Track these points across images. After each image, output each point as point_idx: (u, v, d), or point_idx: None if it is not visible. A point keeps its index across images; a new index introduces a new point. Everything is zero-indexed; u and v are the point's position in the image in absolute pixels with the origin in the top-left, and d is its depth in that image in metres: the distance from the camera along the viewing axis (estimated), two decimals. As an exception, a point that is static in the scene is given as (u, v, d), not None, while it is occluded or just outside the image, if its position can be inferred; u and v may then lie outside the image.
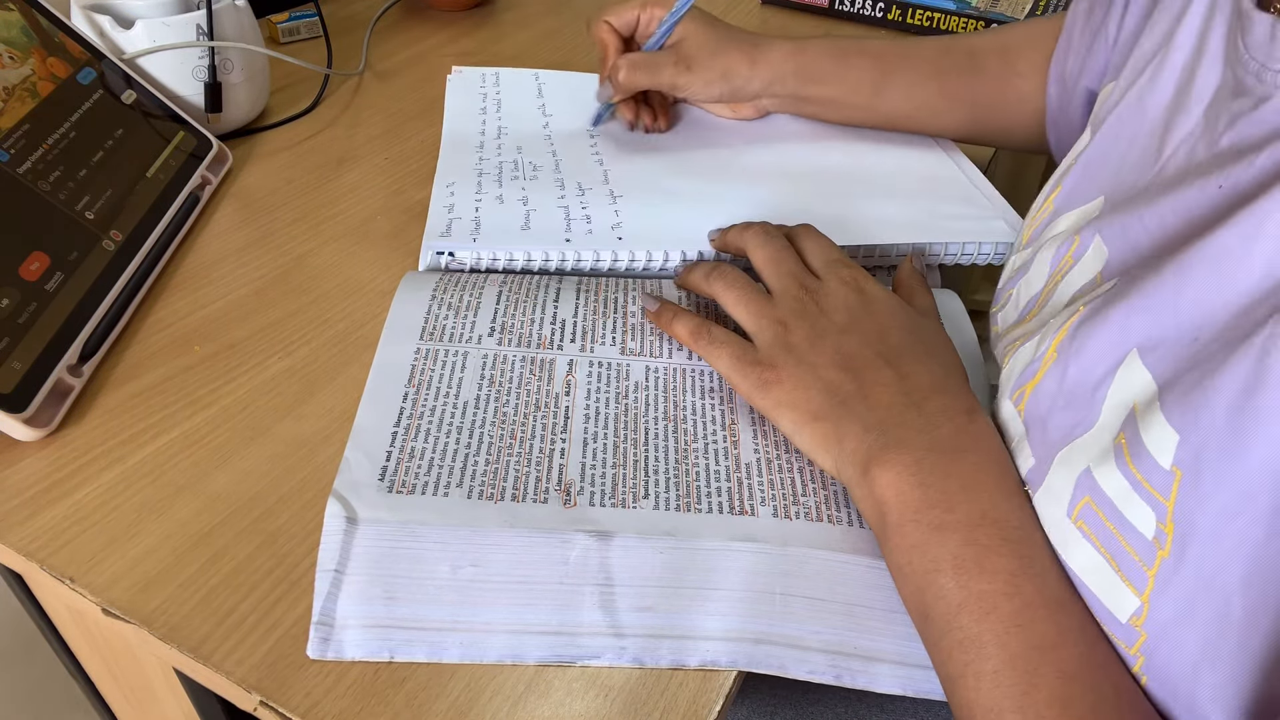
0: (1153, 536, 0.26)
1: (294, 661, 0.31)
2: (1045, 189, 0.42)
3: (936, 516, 0.31)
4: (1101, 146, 0.38)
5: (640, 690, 0.31)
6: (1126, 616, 0.27)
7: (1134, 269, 0.31)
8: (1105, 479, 0.28)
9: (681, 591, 0.33)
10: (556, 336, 0.43)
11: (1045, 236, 0.39)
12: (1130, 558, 0.27)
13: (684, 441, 0.38)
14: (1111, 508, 0.28)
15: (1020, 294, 0.40)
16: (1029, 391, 0.33)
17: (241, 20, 0.59)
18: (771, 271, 0.41)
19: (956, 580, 0.30)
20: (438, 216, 0.49)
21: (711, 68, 0.55)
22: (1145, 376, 0.28)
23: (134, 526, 0.35)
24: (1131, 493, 0.27)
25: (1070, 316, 0.32)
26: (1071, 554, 0.29)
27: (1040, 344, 0.33)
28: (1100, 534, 0.28)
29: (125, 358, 0.43)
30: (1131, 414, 0.28)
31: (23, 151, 0.44)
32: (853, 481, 0.34)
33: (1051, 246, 0.38)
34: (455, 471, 0.36)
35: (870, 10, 0.82)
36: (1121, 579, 0.27)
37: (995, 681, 0.28)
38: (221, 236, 0.52)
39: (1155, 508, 0.26)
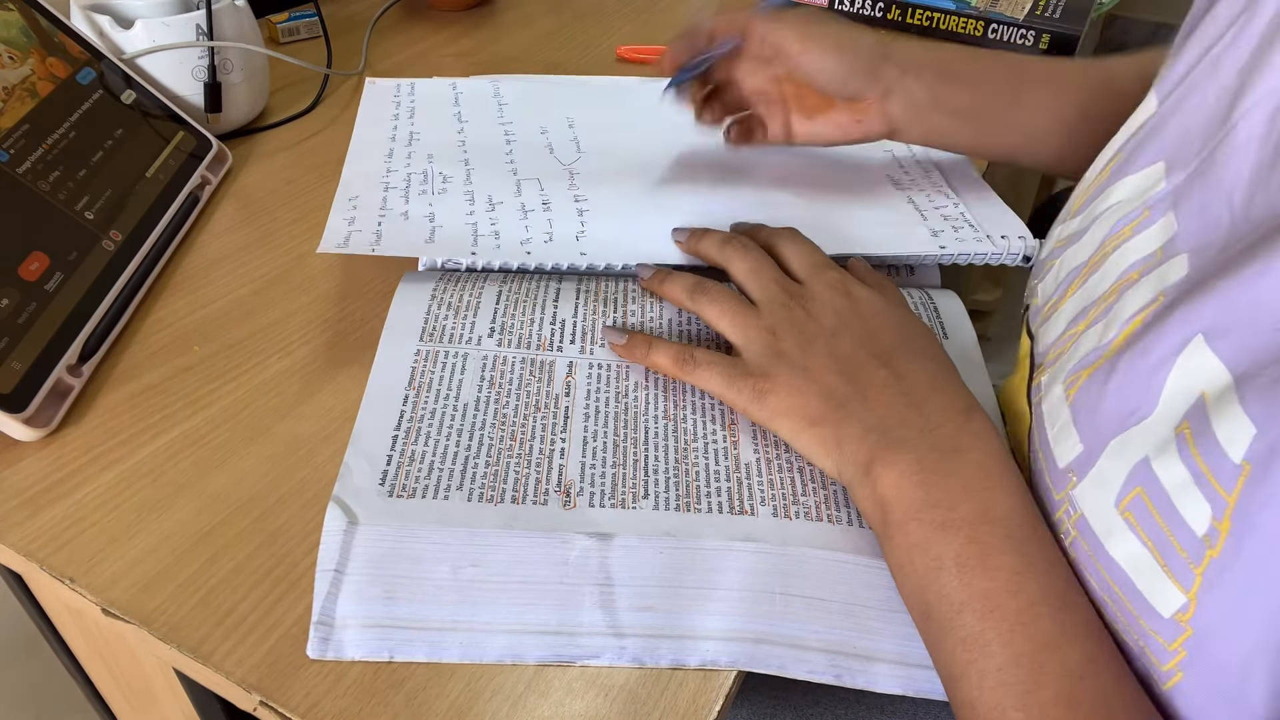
0: (1204, 533, 0.25)
1: (294, 661, 0.31)
2: (1104, 155, 0.39)
3: (939, 515, 0.31)
4: (1168, 113, 0.36)
5: (640, 690, 0.31)
6: (1170, 612, 0.26)
7: (1211, 250, 0.29)
8: (1164, 469, 0.27)
9: (681, 591, 0.33)
10: (556, 337, 0.43)
11: (1100, 206, 0.37)
12: (1176, 553, 0.26)
13: (684, 441, 0.38)
14: (1165, 500, 0.27)
15: (1064, 264, 0.38)
16: (1084, 377, 0.32)
17: (241, 20, 0.59)
18: (754, 283, 0.40)
19: (959, 578, 0.30)
20: (336, 229, 0.46)
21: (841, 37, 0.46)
22: (1215, 364, 0.26)
23: (134, 526, 0.35)
24: (1191, 485, 0.26)
25: (1147, 305, 0.31)
26: (1115, 545, 0.28)
27: (1107, 330, 0.32)
28: (1147, 526, 0.27)
29: (125, 358, 0.43)
30: (1200, 403, 0.27)
31: (22, 151, 0.44)
32: (854, 482, 0.34)
33: (1110, 216, 0.36)
34: (455, 474, 0.36)
35: (870, 10, 0.82)
36: (1166, 574, 0.26)
37: (999, 680, 0.28)
38: (221, 236, 0.52)
39: (1214, 502, 0.25)
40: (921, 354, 0.37)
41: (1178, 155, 0.34)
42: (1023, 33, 0.77)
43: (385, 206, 0.49)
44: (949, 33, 0.80)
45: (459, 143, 0.56)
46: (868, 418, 0.34)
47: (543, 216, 0.49)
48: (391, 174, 0.52)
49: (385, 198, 0.50)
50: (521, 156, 0.55)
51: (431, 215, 0.48)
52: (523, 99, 0.62)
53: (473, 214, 0.49)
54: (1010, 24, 0.77)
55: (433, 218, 0.48)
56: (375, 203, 0.49)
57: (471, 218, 0.48)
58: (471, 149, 0.56)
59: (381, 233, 0.46)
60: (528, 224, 0.48)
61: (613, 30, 0.81)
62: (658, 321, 0.44)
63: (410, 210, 0.49)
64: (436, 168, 0.53)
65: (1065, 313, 0.36)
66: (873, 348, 0.37)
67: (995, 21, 0.78)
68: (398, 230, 0.47)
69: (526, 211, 0.49)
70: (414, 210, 0.49)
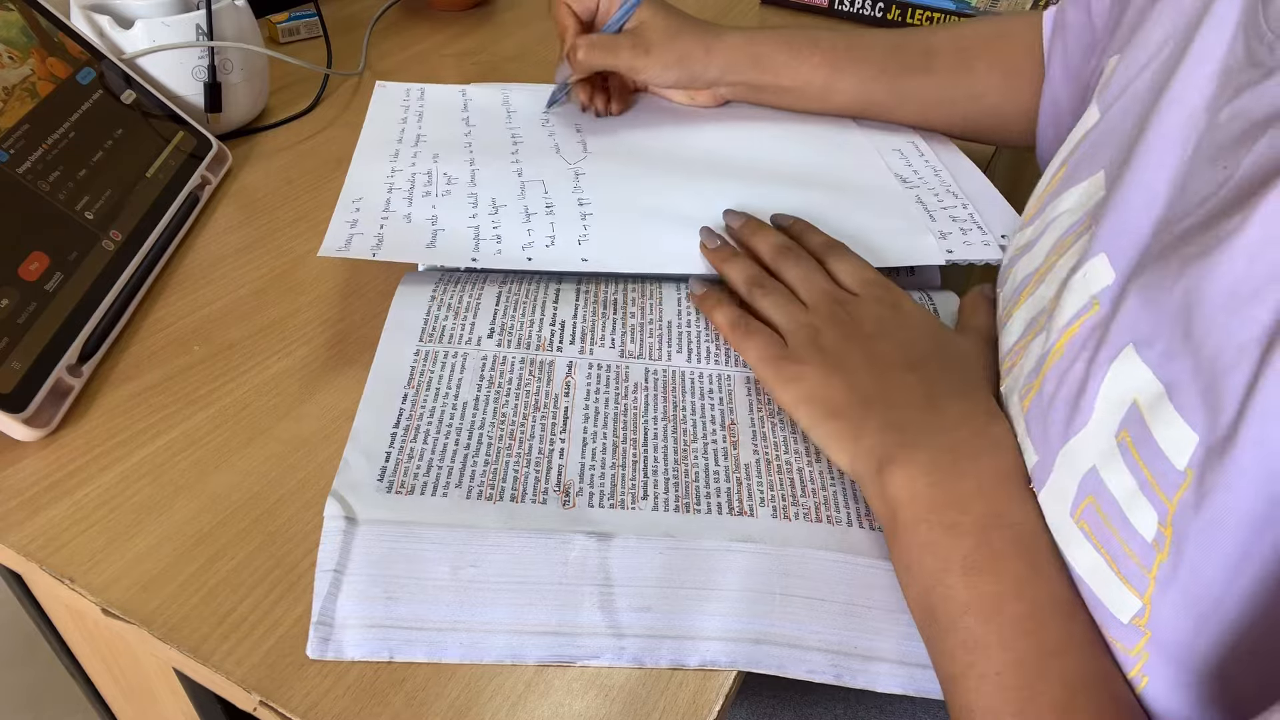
0: (1152, 539, 0.26)
1: (294, 661, 0.31)
2: (1051, 166, 0.42)
3: (950, 517, 0.31)
4: (1110, 124, 0.37)
5: (640, 690, 0.31)
6: (1129, 617, 0.27)
7: (1132, 252, 0.30)
8: (1112, 478, 0.28)
9: (681, 592, 0.33)
10: (556, 338, 0.43)
11: (1051, 214, 0.39)
12: (1129, 559, 0.27)
13: (683, 442, 0.38)
14: (1115, 508, 0.27)
15: (1017, 272, 0.39)
16: (1035, 388, 0.33)
17: (241, 20, 0.59)
18: (805, 287, 0.42)
19: (965, 581, 0.30)
20: (338, 230, 0.45)
21: (669, 52, 0.55)
22: (1145, 373, 0.27)
23: (134, 526, 0.35)
24: (1138, 492, 0.27)
25: (1084, 312, 0.31)
26: (1073, 554, 0.29)
27: (1048, 340, 0.33)
28: (1100, 534, 0.28)
29: (125, 358, 0.43)
30: (1134, 410, 0.27)
31: (22, 151, 0.44)
32: (866, 478, 0.34)
33: (1059, 225, 0.37)
34: (454, 472, 0.36)
35: (870, 10, 0.82)
36: (1121, 580, 0.27)
37: (997, 684, 0.28)
38: (221, 236, 0.52)
39: (1158, 508, 0.26)
40: (955, 365, 0.37)
41: (1113, 165, 0.35)
42: (1022, 33, 0.77)
43: (388, 209, 0.48)
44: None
45: (465, 144, 0.56)
46: (887, 415, 0.35)
47: (545, 220, 0.48)
48: (396, 174, 0.52)
49: (389, 199, 0.49)
50: (527, 157, 0.55)
51: (434, 218, 0.48)
52: (533, 105, 0.62)
53: (475, 216, 0.48)
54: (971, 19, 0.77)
55: (435, 220, 0.48)
56: (378, 205, 0.49)
57: (474, 220, 0.48)
58: (478, 150, 0.55)
59: (383, 236, 0.46)
60: (530, 228, 0.48)
61: (613, 30, 0.81)
62: (657, 324, 0.44)
63: (413, 213, 0.48)
64: (441, 168, 0.53)
65: (1017, 322, 0.37)
66: (908, 354, 0.37)
67: (995, 22, 0.78)
68: (399, 234, 0.46)
69: (529, 214, 0.49)
70: (417, 213, 0.48)
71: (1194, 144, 0.30)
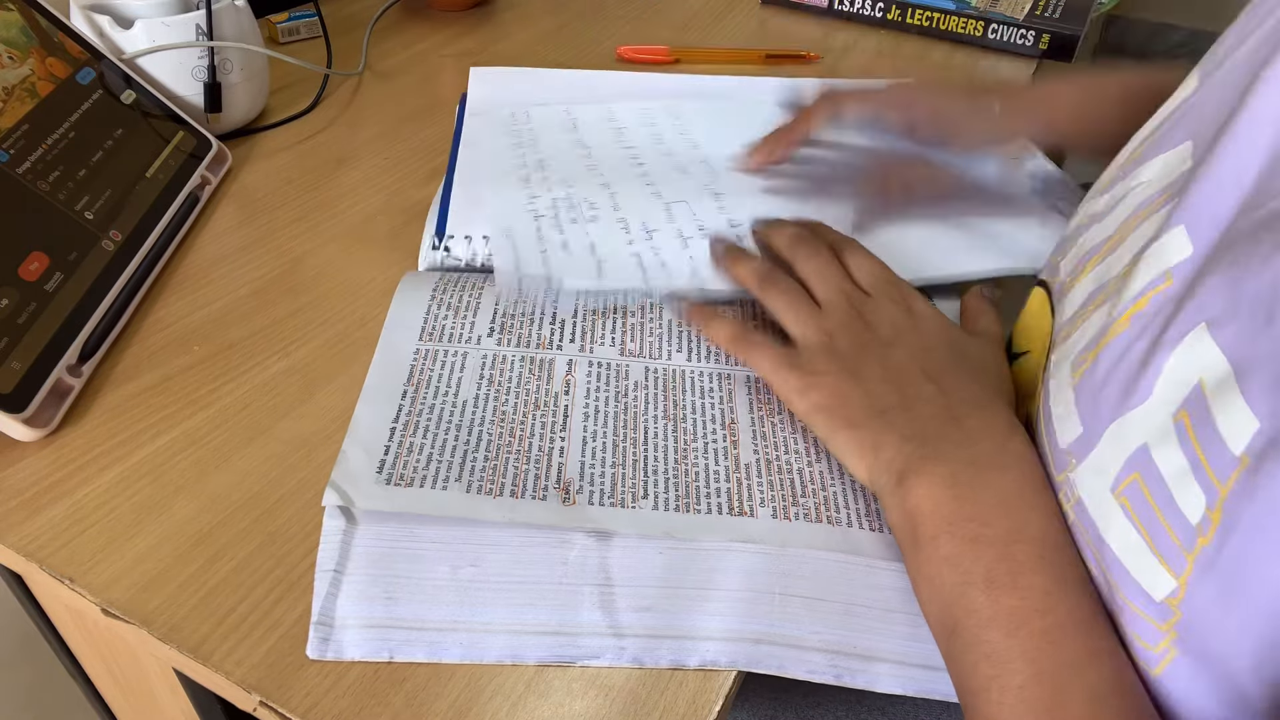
0: (1197, 521, 0.25)
1: (294, 661, 0.31)
2: (1139, 134, 0.39)
3: (973, 530, 0.31)
4: (1207, 94, 0.35)
5: (640, 690, 0.31)
6: (1161, 596, 0.26)
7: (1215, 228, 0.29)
8: (1164, 458, 0.27)
9: (681, 592, 0.33)
10: (556, 336, 0.43)
11: (1129, 185, 0.37)
12: (1169, 539, 0.26)
13: (683, 441, 0.38)
14: (1161, 487, 0.27)
15: (1085, 241, 0.38)
16: (1090, 359, 0.32)
17: (241, 20, 0.59)
18: (820, 284, 0.41)
19: (988, 595, 0.29)
20: (506, 277, 0.45)
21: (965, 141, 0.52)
22: (1215, 354, 0.26)
23: (134, 526, 0.35)
24: (1188, 474, 0.26)
25: (1156, 284, 0.30)
26: (1109, 530, 0.28)
27: (1112, 310, 0.32)
28: (1142, 512, 0.27)
29: (125, 358, 0.43)
30: (1198, 391, 0.26)
31: (22, 151, 0.44)
32: (885, 490, 0.34)
33: (1136, 196, 0.36)
34: (454, 467, 0.36)
35: (870, 10, 0.82)
36: (1159, 560, 0.26)
37: (1020, 697, 0.28)
38: (221, 236, 0.52)
39: (1209, 492, 0.25)
40: (972, 374, 0.37)
41: (1202, 135, 0.33)
42: (1022, 33, 0.77)
43: (541, 239, 0.47)
44: (949, 33, 0.80)
45: (589, 167, 0.55)
46: (907, 428, 0.34)
47: (702, 245, 0.47)
48: (535, 200, 0.50)
49: (538, 228, 0.48)
50: (659, 179, 0.53)
51: (591, 246, 0.47)
52: (639, 121, 0.61)
53: (632, 243, 0.47)
54: (1010, 24, 0.77)
55: (593, 248, 0.47)
56: (530, 235, 0.47)
57: (632, 247, 0.47)
58: (607, 174, 0.54)
59: (552, 273, 0.45)
60: (691, 254, 0.47)
61: (613, 30, 0.81)
62: (658, 323, 0.44)
63: (569, 241, 0.47)
64: (579, 193, 0.51)
65: (1079, 291, 0.36)
66: (924, 363, 0.37)
67: (995, 21, 0.78)
68: (565, 269, 0.45)
69: (685, 240, 0.48)
70: (573, 241, 0.47)
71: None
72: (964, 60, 0.77)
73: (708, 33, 0.81)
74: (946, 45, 0.80)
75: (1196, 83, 0.36)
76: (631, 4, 0.87)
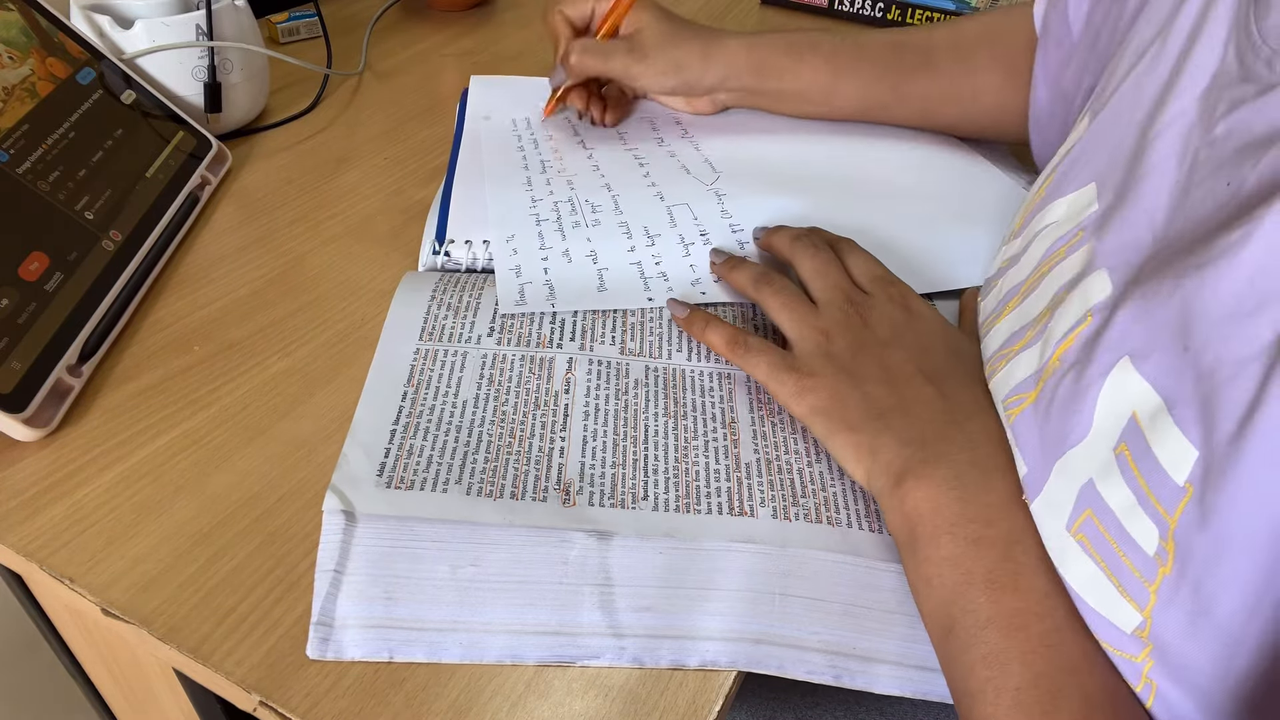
0: (1154, 553, 0.26)
1: (294, 661, 0.31)
2: (1040, 177, 0.42)
3: (974, 530, 0.31)
4: (1098, 132, 0.37)
5: (640, 690, 0.31)
6: (1130, 629, 0.26)
7: (1132, 269, 0.30)
8: (1110, 492, 0.27)
9: (681, 592, 0.33)
10: (556, 335, 0.43)
11: (1037, 226, 0.39)
12: (1130, 573, 0.26)
13: (684, 440, 0.38)
14: (1114, 521, 0.27)
15: (1005, 283, 0.39)
16: (1029, 400, 0.33)
17: (241, 20, 0.59)
18: (819, 283, 0.41)
19: (988, 595, 0.29)
20: (507, 283, 0.45)
21: (665, 58, 0.55)
22: (1142, 385, 0.27)
23: (134, 526, 0.35)
24: (1136, 507, 0.26)
25: (1078, 324, 0.31)
26: (1069, 568, 0.29)
27: (1044, 352, 0.33)
28: (1100, 548, 0.28)
29: (125, 358, 0.43)
30: (1133, 424, 0.27)
31: (22, 151, 0.44)
32: (884, 492, 0.34)
33: (1048, 237, 0.37)
34: (454, 469, 0.36)
35: (870, 10, 0.82)
36: (1121, 594, 0.27)
37: (1016, 699, 0.28)
38: (221, 236, 0.52)
39: (1158, 524, 0.25)
40: (972, 377, 0.37)
41: (1106, 176, 0.34)
42: (1023, 33, 0.77)
43: (543, 244, 0.47)
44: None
45: (593, 168, 0.55)
46: (906, 431, 0.34)
47: (704, 250, 0.47)
48: (538, 204, 0.51)
49: (540, 232, 0.48)
50: (662, 180, 0.53)
51: (593, 253, 0.47)
52: (641, 125, 0.61)
53: (633, 250, 0.47)
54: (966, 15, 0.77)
55: (594, 255, 0.47)
56: (532, 241, 0.48)
57: (633, 255, 0.47)
58: (609, 175, 0.54)
59: (553, 285, 0.45)
60: (692, 263, 0.47)
61: (613, 30, 0.81)
62: (658, 322, 0.44)
63: (570, 249, 0.47)
64: (581, 195, 0.51)
65: (1000, 332, 0.37)
66: (922, 364, 0.37)
67: (995, 22, 0.77)
68: (565, 277, 0.46)
69: (687, 245, 0.48)
70: (574, 248, 0.47)
71: (1191, 159, 0.30)
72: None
73: (708, 33, 0.81)
74: (946, 45, 0.80)
75: (1087, 123, 0.38)
76: (631, 4, 0.87)
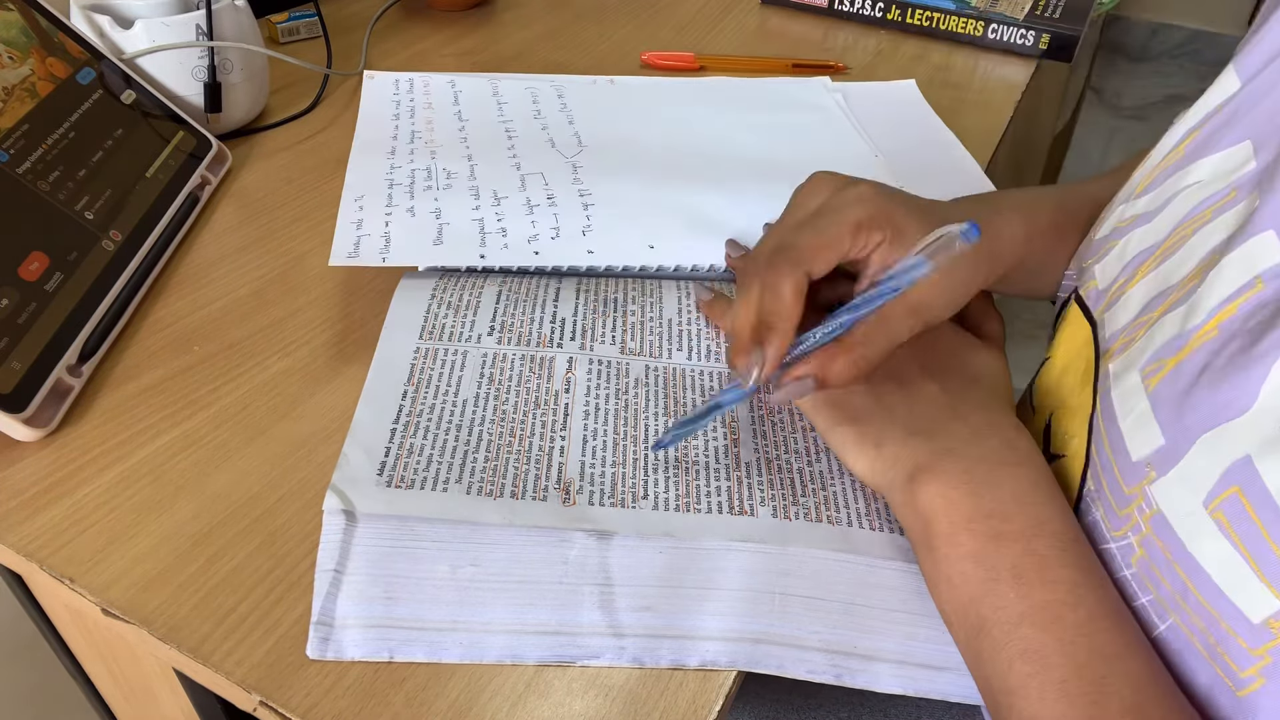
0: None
1: (294, 661, 0.31)
2: (1173, 136, 0.37)
3: (993, 526, 0.31)
4: (1254, 94, 0.34)
5: (640, 690, 0.31)
6: (1261, 618, 0.25)
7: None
8: (1270, 470, 0.25)
9: (681, 591, 0.33)
10: (556, 335, 0.43)
11: (1176, 186, 0.35)
12: (1274, 557, 0.25)
13: (684, 440, 0.38)
14: (1267, 501, 0.25)
15: (1130, 245, 0.36)
16: (1169, 366, 0.30)
17: (241, 20, 0.59)
18: None
19: (1017, 590, 0.29)
20: (345, 234, 0.46)
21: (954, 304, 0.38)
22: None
23: (134, 526, 0.35)
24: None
25: (1245, 290, 0.28)
26: (1201, 545, 0.27)
27: (1189, 317, 0.30)
28: (1242, 528, 0.26)
29: (125, 358, 0.43)
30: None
31: (22, 151, 0.44)
32: (893, 487, 0.34)
33: (1191, 197, 0.34)
34: (454, 468, 0.36)
35: (870, 10, 0.82)
36: (1260, 577, 0.25)
37: (1062, 691, 0.27)
38: (221, 236, 0.52)
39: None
40: (975, 379, 0.37)
41: (1267, 136, 0.32)
42: (1022, 33, 0.77)
43: (391, 204, 0.49)
44: (949, 33, 0.80)
45: (461, 138, 0.56)
46: (911, 423, 0.34)
47: (549, 211, 0.49)
48: (395, 171, 0.52)
49: (390, 195, 0.50)
50: (524, 151, 0.55)
51: (438, 211, 0.48)
52: (522, 97, 0.63)
53: (478, 209, 0.49)
54: (1010, 24, 0.77)
55: (439, 214, 0.48)
56: (381, 201, 0.49)
57: (477, 213, 0.48)
58: (474, 144, 0.56)
59: (390, 236, 0.46)
60: (534, 219, 0.48)
61: (612, 30, 0.81)
62: (658, 322, 0.44)
63: (416, 206, 0.49)
64: (440, 164, 0.53)
65: (1135, 297, 0.34)
66: (925, 361, 0.37)
67: (995, 22, 0.78)
68: (405, 230, 0.47)
69: (532, 206, 0.49)
70: (419, 207, 0.49)
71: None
72: (964, 60, 0.77)
73: (708, 33, 0.81)
74: (946, 45, 0.80)
75: (1237, 83, 0.35)
76: (631, 4, 0.87)
